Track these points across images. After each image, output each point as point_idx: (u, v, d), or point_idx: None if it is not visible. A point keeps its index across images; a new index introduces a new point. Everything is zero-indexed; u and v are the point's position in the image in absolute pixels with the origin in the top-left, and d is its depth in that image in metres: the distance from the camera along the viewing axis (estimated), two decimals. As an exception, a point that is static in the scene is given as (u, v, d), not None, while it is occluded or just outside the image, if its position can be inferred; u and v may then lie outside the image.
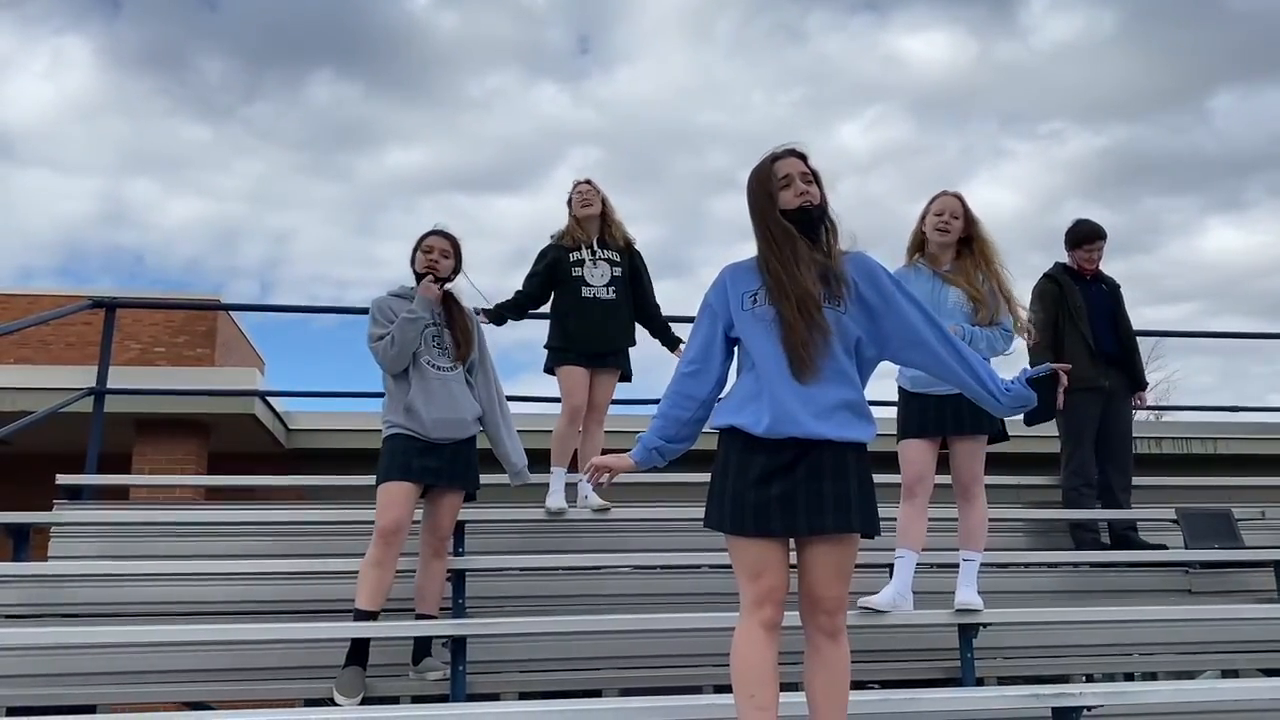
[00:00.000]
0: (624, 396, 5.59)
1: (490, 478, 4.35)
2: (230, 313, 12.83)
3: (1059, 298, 5.47)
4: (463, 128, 45.36)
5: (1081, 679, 4.71)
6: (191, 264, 41.16)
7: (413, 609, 4.10)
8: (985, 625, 4.02)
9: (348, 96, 42.61)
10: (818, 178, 2.77)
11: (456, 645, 3.82)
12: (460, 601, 4.40)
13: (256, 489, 6.82)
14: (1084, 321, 5.43)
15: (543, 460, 4.84)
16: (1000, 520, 5.25)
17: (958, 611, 3.97)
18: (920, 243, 4.26)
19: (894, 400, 4.27)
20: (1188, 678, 4.44)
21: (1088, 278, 5.58)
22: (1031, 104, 43.71)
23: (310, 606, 4.45)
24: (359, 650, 3.80)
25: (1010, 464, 5.66)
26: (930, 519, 4.10)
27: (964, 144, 45.94)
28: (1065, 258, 5.65)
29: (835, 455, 2.57)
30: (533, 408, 7.44)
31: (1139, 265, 39.64)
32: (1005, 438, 4.13)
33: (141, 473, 8.24)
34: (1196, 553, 5.09)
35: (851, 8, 48.24)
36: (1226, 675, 4.72)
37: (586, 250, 5.02)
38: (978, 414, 3.99)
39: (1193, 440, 10.19)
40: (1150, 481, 5.96)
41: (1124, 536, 5.37)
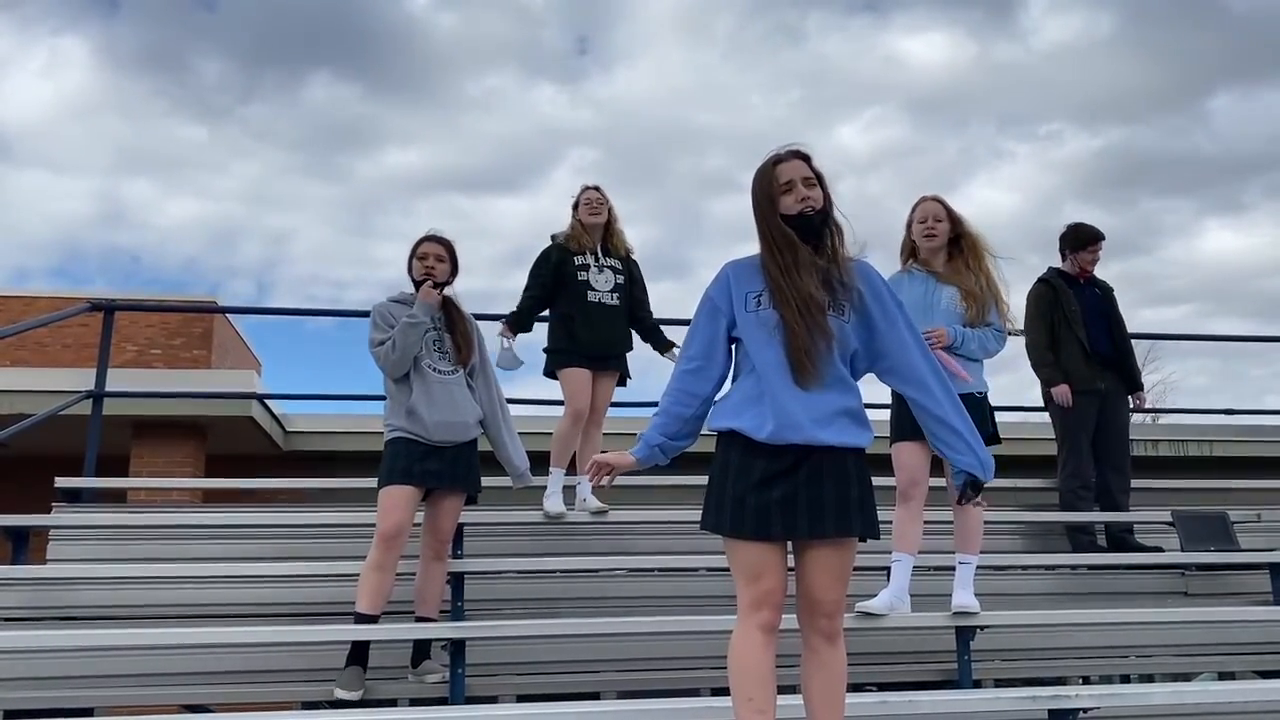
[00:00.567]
0: (620, 399, 5.60)
1: (490, 480, 4.36)
2: (228, 314, 12.81)
3: (1054, 302, 5.49)
4: (461, 128, 45.42)
5: (1078, 681, 4.73)
6: (188, 264, 41.17)
7: (412, 611, 4.11)
8: (982, 628, 4.03)
9: (346, 97, 42.63)
10: (822, 179, 2.74)
11: (456, 648, 3.83)
12: (459, 604, 4.41)
13: (254, 491, 6.82)
14: (1079, 325, 5.45)
15: (541, 463, 4.84)
16: (997, 523, 5.28)
17: (955, 614, 3.99)
18: (911, 248, 4.30)
19: (887, 403, 4.29)
20: (1184, 680, 4.46)
21: (1082, 281, 5.60)
22: (1030, 105, 43.82)
23: (309, 610, 4.46)
24: (359, 652, 3.81)
25: (1007, 466, 5.66)
26: (925, 522, 4.12)
27: (962, 145, 46.05)
28: (1059, 261, 5.67)
29: (835, 460, 2.58)
30: (531, 410, 7.45)
31: (1137, 267, 39.75)
32: (997, 441, 4.14)
33: (139, 474, 8.24)
34: (1192, 555, 5.11)
35: (850, 9, 48.35)
36: (1223, 677, 4.73)
37: (591, 256, 5.04)
38: (972, 417, 4.00)
39: (1189, 442, 10.22)
40: (1146, 484, 5.98)
41: (1120, 539, 5.39)
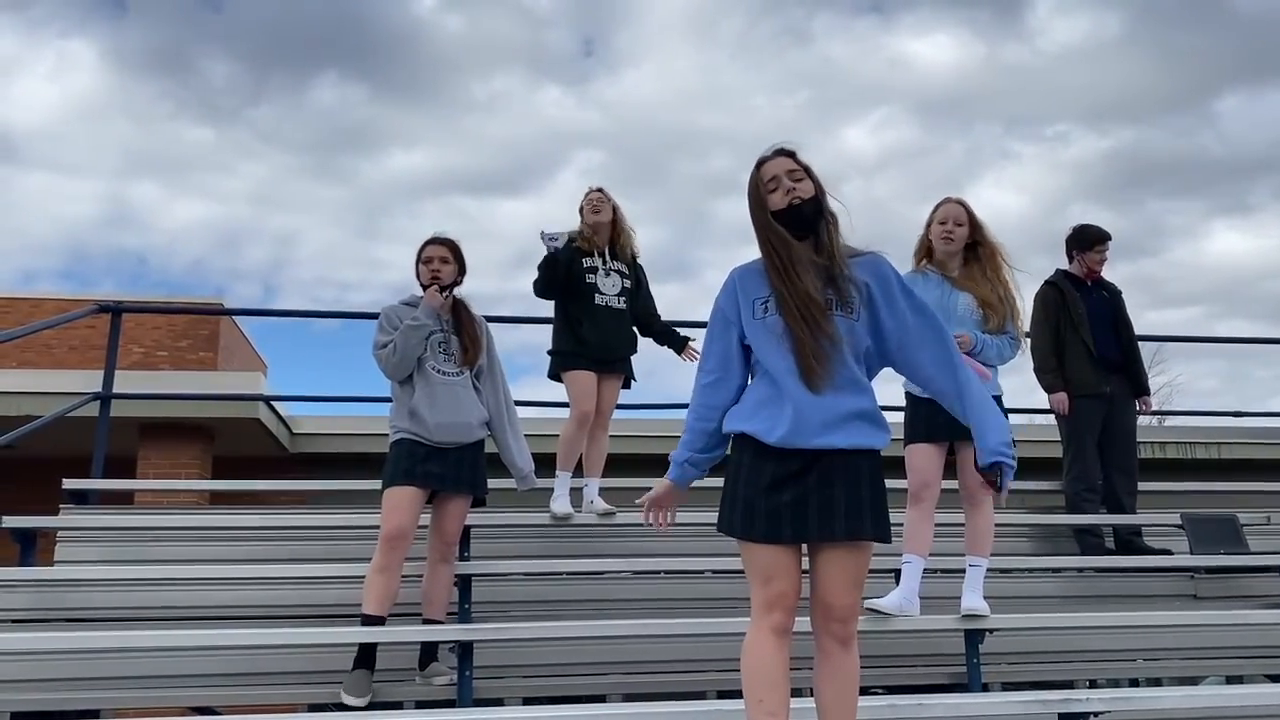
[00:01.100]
0: (626, 401, 5.59)
1: (496, 482, 4.36)
2: (233, 316, 12.82)
3: (1060, 304, 5.47)
4: (467, 130, 45.48)
5: (1085, 684, 4.71)
6: (195, 266, 41.23)
7: (419, 614, 4.11)
8: (992, 631, 4.02)
9: (352, 99, 42.72)
10: (811, 172, 2.73)
11: (463, 650, 3.82)
12: (466, 606, 4.40)
13: (261, 493, 6.83)
14: (1085, 328, 5.43)
15: (547, 464, 4.84)
16: (1004, 525, 5.26)
17: (964, 617, 3.97)
18: (927, 249, 4.27)
19: (901, 405, 4.28)
20: (1193, 683, 4.44)
21: (1089, 284, 5.58)
22: (1037, 107, 43.77)
23: (316, 611, 4.46)
24: (366, 655, 3.81)
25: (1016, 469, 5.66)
26: (936, 524, 4.11)
27: (969, 146, 46.02)
28: (1065, 263, 5.65)
29: (847, 462, 2.56)
30: (536, 412, 7.46)
31: (1143, 268, 39.71)
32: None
33: (146, 476, 8.24)
34: (1202, 558, 5.08)
35: (857, 10, 48.36)
36: (1231, 681, 4.71)
37: (599, 258, 5.04)
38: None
39: (1197, 445, 10.19)
40: (1155, 487, 5.96)
41: (1128, 542, 5.36)
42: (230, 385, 8.82)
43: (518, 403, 4.50)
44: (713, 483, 2.93)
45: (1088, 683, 4.73)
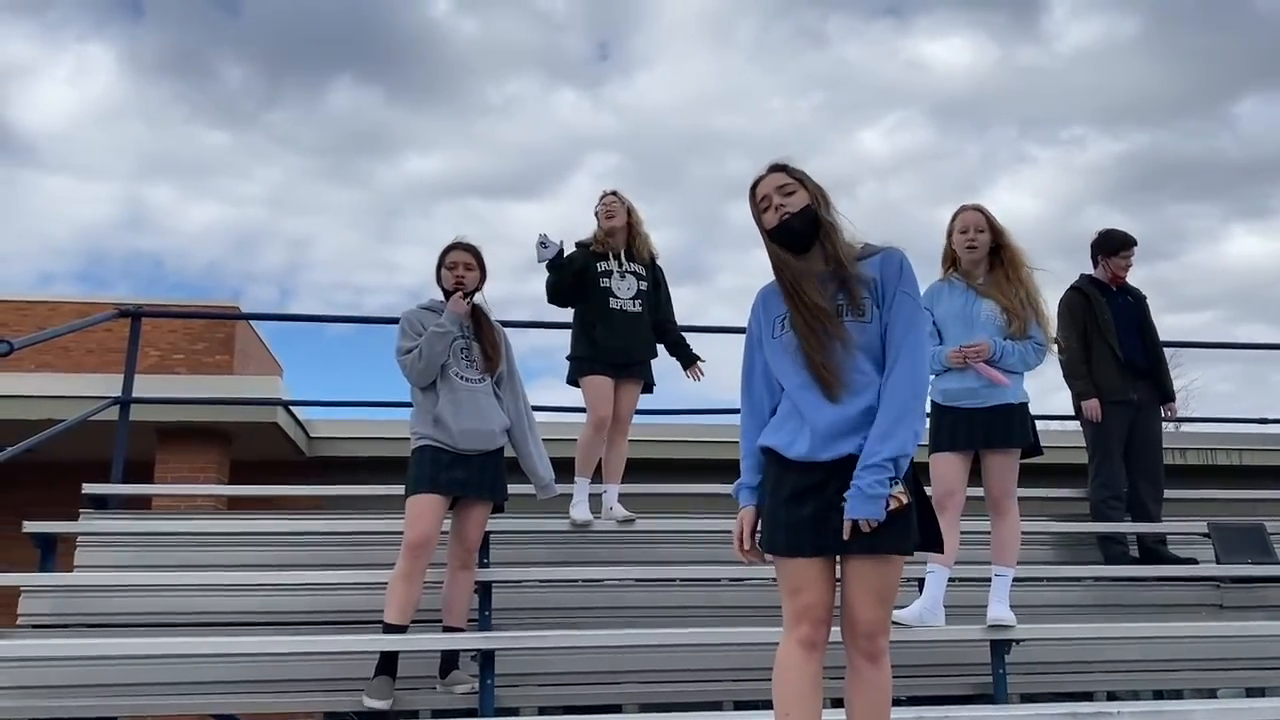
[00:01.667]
0: (646, 406, 5.56)
1: (516, 488, 4.33)
2: (250, 320, 12.85)
3: (1087, 310, 5.41)
4: (481, 134, 45.57)
5: (1104, 696, 4.65)
6: (210, 269, 41.45)
7: (440, 620, 4.09)
8: (1019, 641, 3.97)
9: (367, 103, 42.86)
10: (806, 182, 2.70)
11: (485, 659, 3.79)
12: (487, 613, 4.38)
13: (279, 498, 6.82)
14: (1112, 334, 5.37)
15: (565, 470, 4.81)
16: (1028, 533, 5.18)
17: (990, 627, 3.93)
18: (953, 257, 4.24)
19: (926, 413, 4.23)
20: (1211, 695, 4.37)
21: (1114, 289, 5.53)
22: (1053, 109, 43.61)
23: (336, 618, 4.45)
24: (388, 662, 3.80)
25: (1038, 476, 5.60)
26: (961, 531, 4.06)
27: (985, 149, 45.87)
28: (1089, 266, 5.59)
29: None
30: (554, 417, 7.42)
31: (1160, 272, 39.46)
32: (1039, 452, 4.08)
33: (164, 480, 8.26)
34: (1229, 567, 5.02)
35: (872, 13, 48.27)
36: (1251, 694, 4.63)
37: (614, 261, 5.00)
38: (1010, 427, 3.96)
39: (1218, 451, 10.09)
40: (1178, 494, 5.89)
41: (1153, 550, 5.30)
42: (248, 389, 8.83)
43: (534, 408, 4.47)
44: (729, 489, 2.89)
45: (1105, 694, 4.67)
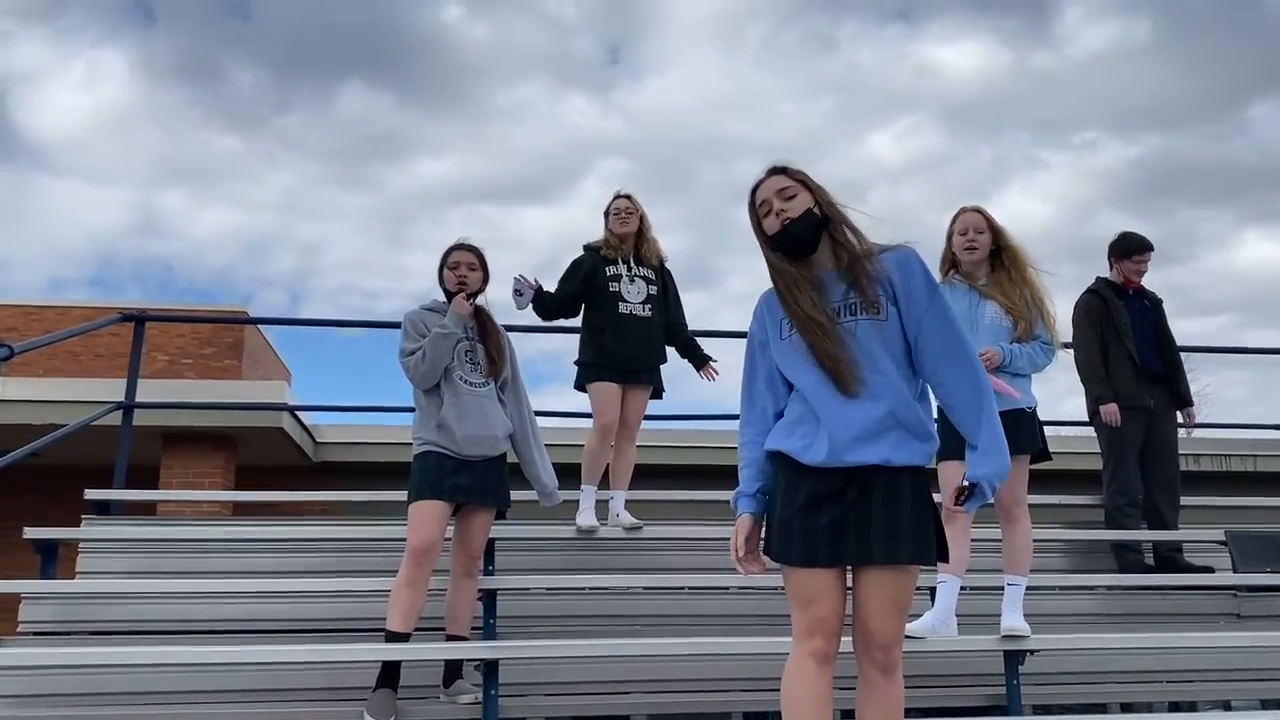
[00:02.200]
0: (655, 411, 5.50)
1: (520, 494, 4.28)
2: (258, 325, 12.85)
3: (1104, 314, 5.34)
4: (492, 138, 45.62)
5: (1116, 708, 4.56)
6: (221, 274, 41.57)
7: (443, 629, 4.03)
8: (1033, 651, 3.90)
9: (378, 107, 42.94)
10: (808, 183, 2.63)
11: (489, 669, 3.73)
12: (491, 622, 4.33)
13: (284, 504, 6.78)
14: (1129, 338, 5.30)
15: (570, 475, 4.76)
16: (1041, 540, 5.11)
17: (1004, 637, 3.86)
18: (952, 260, 4.19)
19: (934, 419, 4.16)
20: (1225, 708, 4.29)
21: (1131, 292, 5.45)
22: (1065, 114, 43.47)
23: (341, 626, 4.40)
24: (390, 673, 3.73)
25: (1051, 482, 5.53)
26: (972, 540, 3.99)
27: (996, 154, 45.75)
28: (1105, 270, 5.52)
29: (887, 479, 2.46)
30: (557, 422, 7.36)
31: (1172, 277, 39.30)
32: (1048, 457, 4.01)
33: (169, 485, 8.24)
34: (1248, 576, 4.94)
35: (883, 17, 48.19)
36: (1266, 706, 4.54)
37: (623, 265, 4.95)
38: (1018, 433, 3.88)
39: (1232, 457, 10.00)
40: (1193, 501, 5.81)
41: (1169, 558, 5.22)
42: (254, 394, 8.81)
43: (538, 413, 4.42)
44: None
45: (1118, 706, 4.58)
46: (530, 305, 4.85)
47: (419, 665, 3.95)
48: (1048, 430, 4.21)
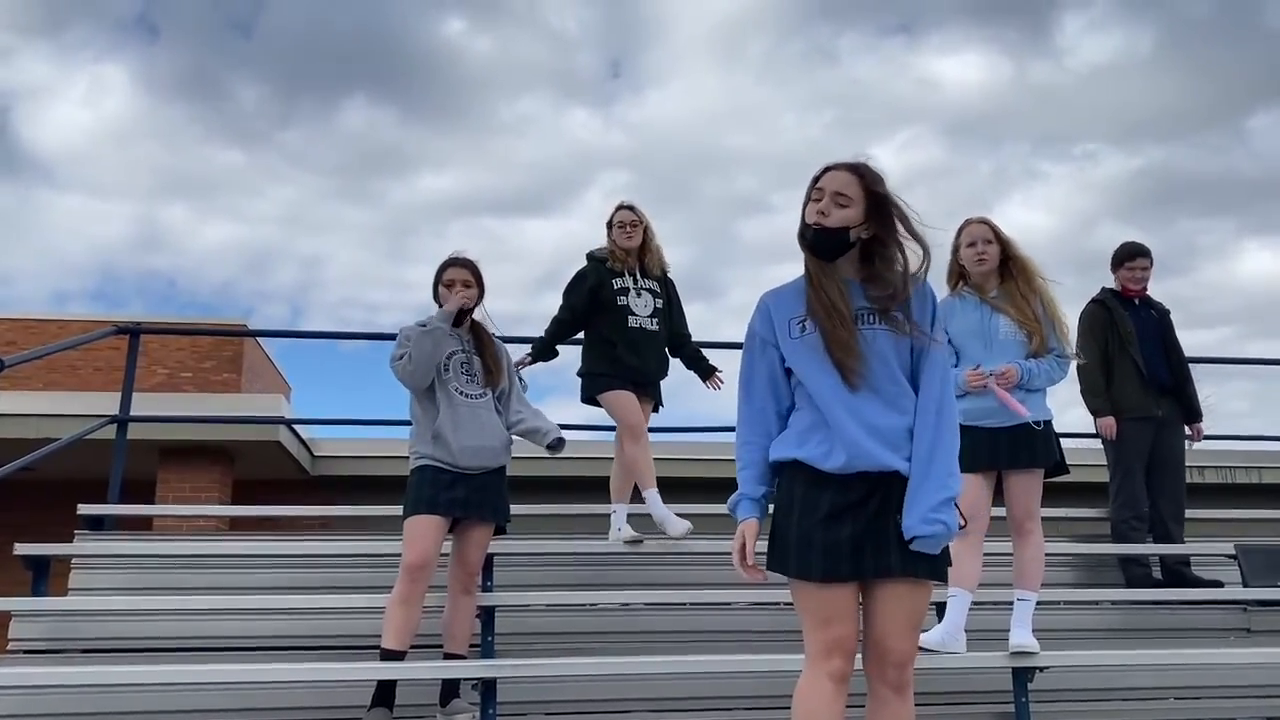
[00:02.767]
0: (652, 424, 5.43)
1: (520, 509, 4.22)
2: (258, 338, 12.81)
3: (1109, 323, 5.28)
4: (494, 152, 45.66)
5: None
6: (223, 288, 41.49)
7: (440, 646, 3.96)
8: (1042, 668, 3.82)
9: (381, 122, 42.96)
10: (878, 197, 2.51)
11: (486, 688, 3.66)
12: (489, 639, 4.25)
13: (281, 519, 6.71)
14: (1135, 348, 5.23)
15: (576, 489, 4.70)
16: (1046, 554, 5.04)
17: (1013, 654, 3.78)
18: (959, 272, 4.11)
19: None
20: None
21: (1136, 302, 5.40)
22: (1066, 126, 43.55)
23: (339, 643, 4.33)
24: (385, 692, 3.67)
25: (1056, 495, 5.45)
26: (984, 553, 3.93)
27: (997, 166, 45.83)
28: (1102, 282, 5.48)
29: (905, 491, 2.40)
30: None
31: (1173, 288, 39.36)
32: (1064, 470, 3.94)
33: (165, 499, 8.18)
34: (1258, 590, 4.86)
35: (884, 30, 48.28)
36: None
37: (629, 277, 4.90)
38: (1033, 447, 3.82)
39: (1237, 469, 9.92)
40: (1199, 514, 5.74)
41: (1177, 572, 5.15)
42: (251, 408, 8.75)
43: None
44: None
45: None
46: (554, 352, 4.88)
47: (416, 684, 3.87)
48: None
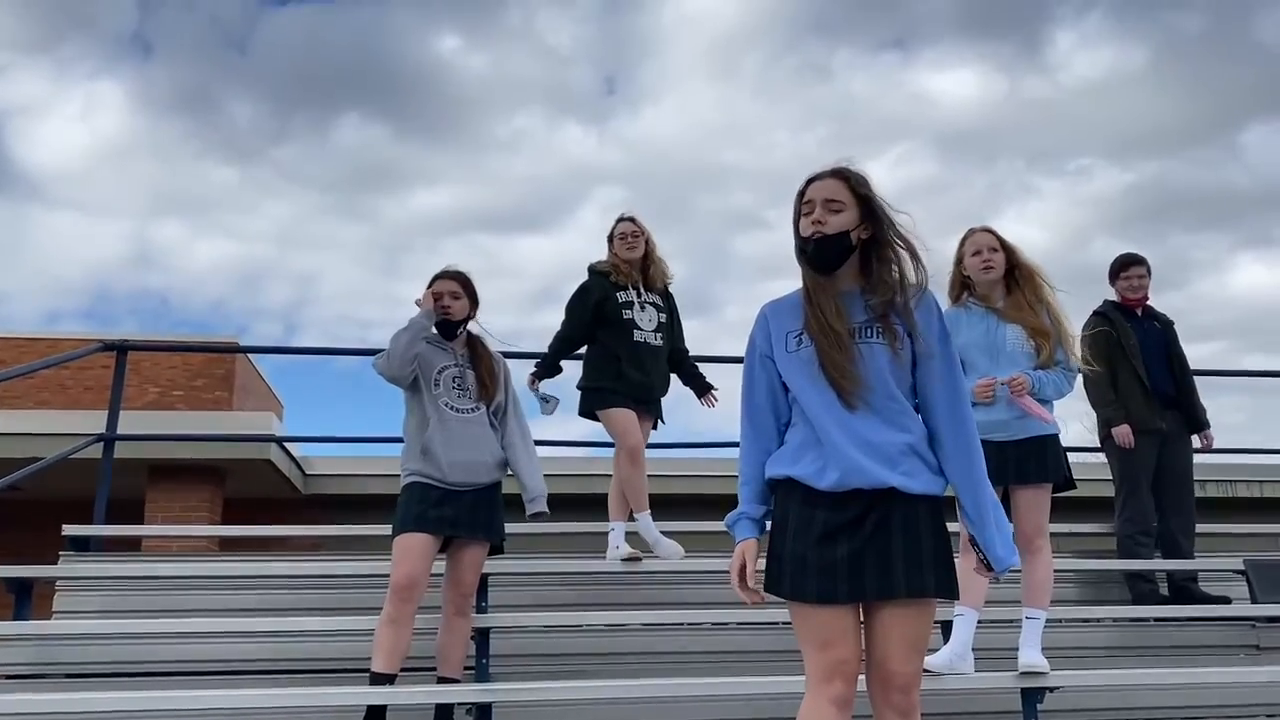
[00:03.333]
0: (651, 440, 5.34)
1: (515, 528, 4.12)
2: (249, 355, 12.71)
3: (1111, 336, 5.20)
4: (488, 168, 45.66)
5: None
6: (216, 306, 41.33)
7: (433, 669, 3.86)
8: (1052, 689, 3.72)
9: (375, 138, 42.89)
10: (867, 200, 2.45)
11: (481, 712, 3.56)
12: (484, 662, 4.15)
13: (272, 539, 6.60)
14: (1138, 359, 5.16)
15: (572, 506, 4.60)
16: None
17: (1022, 674, 3.68)
18: (963, 283, 4.02)
19: None
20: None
21: (1139, 314, 5.33)
22: (1059, 141, 43.66)
23: (331, 665, 4.22)
24: (375, 716, 3.56)
25: (1061, 510, 5.36)
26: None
27: (990, 181, 45.94)
28: (1097, 298, 5.44)
29: (905, 508, 2.31)
30: (552, 451, 7.21)
31: (1167, 302, 39.21)
32: (1072, 486, 3.85)
33: (155, 519, 8.06)
34: (1268, 607, 4.77)
35: (878, 46, 48.33)
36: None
37: (633, 291, 4.81)
38: (1042, 461, 3.73)
39: (1238, 483, 9.85)
40: (1205, 528, 5.64)
41: (1184, 588, 5.05)
42: (242, 426, 8.65)
43: (539, 442, 4.29)
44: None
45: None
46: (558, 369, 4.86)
47: (407, 709, 3.76)
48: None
